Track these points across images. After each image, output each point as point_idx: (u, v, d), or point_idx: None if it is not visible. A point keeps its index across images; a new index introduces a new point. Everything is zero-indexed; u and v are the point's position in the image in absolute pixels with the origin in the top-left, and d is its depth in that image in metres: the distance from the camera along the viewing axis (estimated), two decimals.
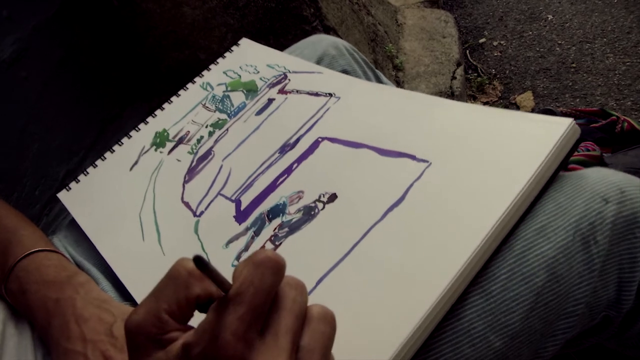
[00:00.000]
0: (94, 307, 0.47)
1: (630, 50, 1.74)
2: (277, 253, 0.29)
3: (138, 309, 0.29)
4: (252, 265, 0.28)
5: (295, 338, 0.28)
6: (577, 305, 0.40)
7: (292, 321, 0.28)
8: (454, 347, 0.38)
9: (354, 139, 0.57)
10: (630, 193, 0.41)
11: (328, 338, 0.30)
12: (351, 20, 1.36)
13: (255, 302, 0.27)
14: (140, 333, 0.28)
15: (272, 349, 0.27)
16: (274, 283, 0.28)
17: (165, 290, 0.29)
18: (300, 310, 0.29)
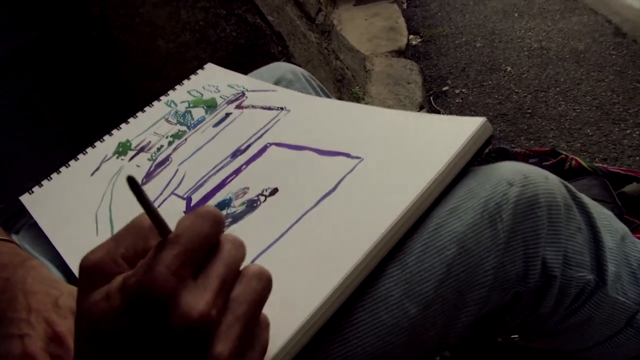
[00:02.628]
0: (42, 285, 0.50)
1: (580, 98, 1.86)
2: (216, 209, 0.32)
3: (96, 249, 0.32)
4: (194, 215, 0.31)
5: (223, 284, 0.31)
6: (486, 277, 0.44)
7: (224, 269, 0.31)
8: (372, 313, 0.42)
9: (298, 143, 0.62)
10: (533, 178, 0.47)
11: (259, 295, 0.32)
12: (317, 61, 1.44)
13: (191, 245, 0.30)
14: (95, 270, 0.31)
15: (200, 289, 0.30)
16: (210, 232, 0.31)
17: (126, 237, 0.32)
18: (234, 261, 0.32)
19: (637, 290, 0.52)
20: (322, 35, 1.79)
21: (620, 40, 2.28)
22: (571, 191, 0.50)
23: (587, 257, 0.49)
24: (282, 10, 1.40)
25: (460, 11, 3.09)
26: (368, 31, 2.47)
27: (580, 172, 1.30)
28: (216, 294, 0.30)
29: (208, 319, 0.29)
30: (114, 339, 0.29)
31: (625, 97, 1.82)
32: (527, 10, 2.88)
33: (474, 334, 0.50)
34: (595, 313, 0.50)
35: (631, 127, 1.65)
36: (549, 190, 0.46)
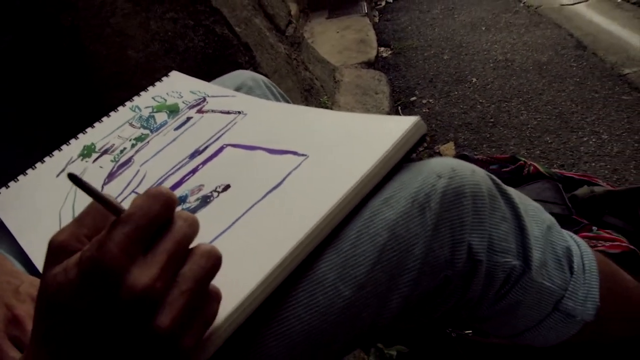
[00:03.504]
0: (4, 275, 0.53)
1: (542, 108, 1.93)
2: (170, 190, 0.35)
3: (61, 230, 0.35)
4: (145, 195, 0.34)
5: (171, 260, 0.33)
6: (415, 261, 0.48)
7: (172, 245, 0.34)
8: (309, 294, 0.46)
9: (251, 143, 0.66)
10: (460, 171, 0.51)
11: (206, 272, 0.35)
12: (285, 71, 1.48)
13: (141, 223, 0.32)
14: (59, 248, 0.34)
15: (147, 264, 0.32)
16: (161, 211, 0.33)
17: (87, 218, 0.36)
18: (184, 238, 0.34)
19: (562, 276, 0.57)
20: (291, 46, 1.84)
21: (581, 52, 2.37)
22: (497, 184, 0.54)
23: (512, 244, 0.53)
24: (250, 22, 1.45)
25: (430, 25, 3.18)
26: (339, 43, 2.52)
27: (537, 177, 1.36)
28: (162, 269, 0.33)
29: (152, 292, 0.32)
30: (69, 308, 0.32)
31: (584, 107, 1.90)
32: (494, 24, 2.97)
33: (410, 318, 0.54)
34: (522, 297, 0.55)
35: (588, 134, 1.72)
36: (474, 182, 0.51)
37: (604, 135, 1.71)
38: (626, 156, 1.58)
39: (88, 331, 0.33)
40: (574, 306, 0.57)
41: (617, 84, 2.03)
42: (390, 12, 3.63)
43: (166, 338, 0.33)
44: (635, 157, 1.57)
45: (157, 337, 0.33)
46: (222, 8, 1.33)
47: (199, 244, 0.36)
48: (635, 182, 1.47)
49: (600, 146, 1.65)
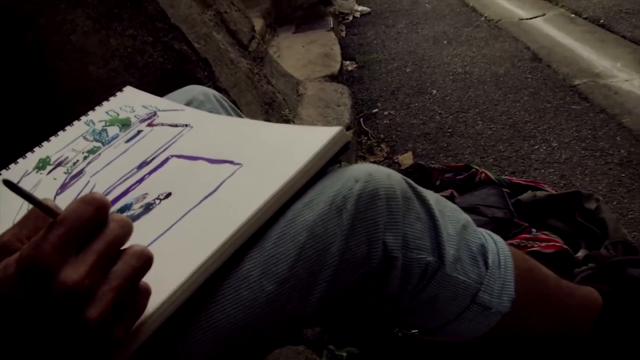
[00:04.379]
0: None
1: (497, 118, 2.01)
2: (104, 196, 0.39)
3: (4, 233, 0.39)
4: (79, 200, 0.38)
5: (101, 259, 0.37)
6: (333, 258, 0.53)
7: (103, 245, 0.37)
8: (234, 290, 0.50)
9: (195, 154, 0.70)
10: (376, 175, 0.56)
11: (136, 271, 0.39)
12: (245, 85, 1.53)
13: (74, 226, 0.36)
14: (3, 247, 0.38)
15: (78, 262, 0.36)
16: (94, 215, 0.37)
17: (28, 221, 0.40)
18: (115, 239, 0.38)
19: (477, 271, 0.62)
20: (254, 61, 1.88)
21: (536, 64, 2.47)
22: (413, 187, 0.59)
23: (427, 241, 0.58)
24: (210, 38, 1.49)
25: (395, 39, 3.26)
26: (304, 57, 2.58)
27: (488, 184, 1.42)
28: (93, 267, 0.37)
29: (82, 288, 0.36)
30: (8, 301, 0.36)
31: (537, 116, 1.98)
32: (455, 38, 3.07)
33: (336, 313, 0.58)
34: (439, 291, 0.59)
35: (539, 143, 1.80)
36: (389, 185, 0.55)
37: (553, 143, 1.79)
38: (573, 162, 1.66)
39: (25, 323, 0.37)
40: (489, 299, 0.62)
41: (568, 95, 2.12)
42: (357, 27, 3.71)
43: (96, 329, 0.36)
44: (582, 163, 1.65)
45: (88, 328, 0.36)
46: (181, 25, 1.37)
47: (132, 245, 0.40)
48: (581, 187, 1.54)
49: (550, 153, 1.73)
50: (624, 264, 0.93)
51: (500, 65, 2.53)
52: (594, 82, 2.19)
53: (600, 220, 1.13)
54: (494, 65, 2.53)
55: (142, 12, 1.32)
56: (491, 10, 3.55)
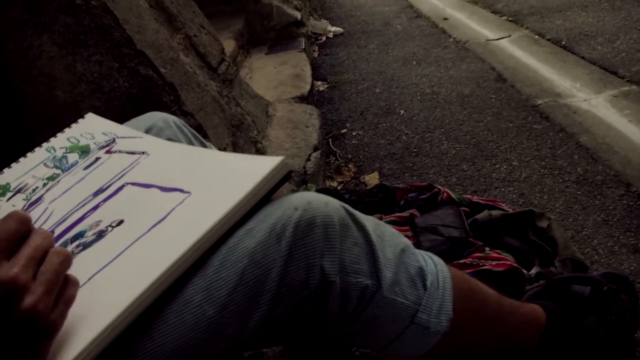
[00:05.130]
0: None
1: (461, 138, 2.07)
2: (26, 212, 0.47)
3: None
4: (5, 217, 0.46)
5: (30, 260, 0.45)
6: (272, 283, 0.55)
7: (29, 250, 0.46)
8: (177, 314, 0.53)
9: (149, 182, 0.72)
10: (314, 204, 0.59)
11: (59, 266, 0.47)
12: (211, 108, 1.56)
13: (2, 237, 0.45)
14: None
15: (11, 264, 0.44)
16: (18, 228, 0.46)
17: None
18: (40, 246, 0.47)
19: (416, 293, 0.65)
20: (223, 83, 1.92)
21: (500, 85, 2.54)
22: (351, 214, 0.62)
23: (364, 265, 0.61)
24: (176, 62, 1.52)
25: (366, 59, 3.33)
26: (276, 78, 2.62)
27: (450, 203, 1.46)
28: (24, 266, 0.45)
29: (16, 282, 0.44)
30: None
31: (499, 136, 2.04)
32: (424, 59, 3.14)
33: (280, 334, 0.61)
34: (378, 312, 0.63)
35: (500, 162, 1.86)
36: (326, 213, 0.59)
37: (514, 162, 1.84)
38: (533, 181, 1.72)
39: None
40: (428, 319, 0.65)
41: (530, 114, 2.19)
42: (329, 47, 3.78)
43: (33, 315, 0.44)
44: (541, 181, 1.71)
45: (26, 315, 0.44)
46: (147, 50, 1.40)
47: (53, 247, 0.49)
48: (539, 204, 1.60)
49: (511, 172, 1.79)
50: (569, 280, 0.97)
51: (467, 85, 2.60)
52: (554, 102, 2.26)
53: (551, 238, 1.18)
54: (460, 86, 2.60)
55: (108, 38, 1.35)
56: (460, 32, 3.64)
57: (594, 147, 1.87)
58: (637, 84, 2.27)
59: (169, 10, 1.80)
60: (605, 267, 1.32)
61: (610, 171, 1.71)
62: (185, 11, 1.95)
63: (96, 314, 0.50)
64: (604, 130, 1.98)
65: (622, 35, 2.81)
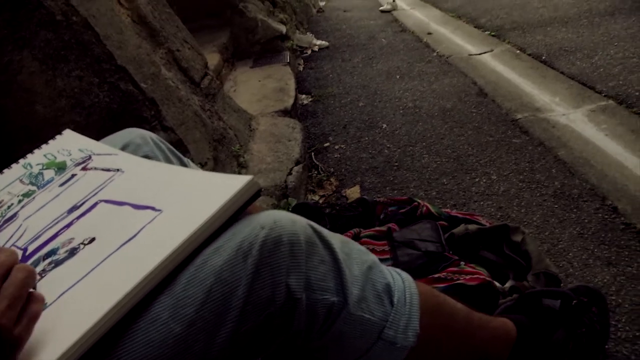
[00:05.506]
0: None
1: (442, 151, 2.10)
2: None
3: None
4: None
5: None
6: (239, 300, 0.57)
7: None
8: (144, 332, 0.54)
9: (122, 199, 0.73)
10: (281, 222, 0.60)
11: (22, 282, 0.49)
12: (193, 123, 1.57)
13: None
14: None
15: None
16: None
17: None
18: (3, 262, 0.49)
19: (382, 309, 0.66)
20: (206, 97, 1.93)
21: (481, 99, 2.58)
22: (318, 232, 0.64)
23: (331, 283, 0.62)
24: (157, 77, 1.53)
25: (350, 73, 3.36)
26: (260, 92, 2.64)
27: (429, 217, 1.48)
28: None
29: None
30: None
31: (479, 150, 2.07)
32: (407, 73, 3.18)
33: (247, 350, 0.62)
34: (346, 329, 0.64)
35: (480, 175, 1.88)
36: (292, 231, 0.60)
37: (493, 176, 1.87)
38: (511, 195, 1.74)
39: None
40: (394, 334, 0.67)
41: (510, 128, 2.22)
42: (314, 61, 3.81)
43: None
44: (519, 195, 1.73)
45: None
46: (127, 65, 1.41)
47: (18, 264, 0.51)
48: (517, 218, 1.62)
49: (490, 186, 1.81)
50: (540, 294, 0.99)
51: (448, 99, 2.63)
52: (534, 117, 2.30)
53: (525, 252, 1.20)
54: (442, 100, 2.64)
55: (89, 53, 1.36)
56: (443, 46, 3.69)
57: (572, 161, 1.90)
58: (614, 99, 2.31)
59: (152, 25, 1.82)
60: (580, 280, 1.35)
61: (587, 185, 1.74)
62: (168, 26, 1.96)
63: (63, 331, 0.51)
64: (581, 145, 2.01)
65: (600, 51, 2.87)
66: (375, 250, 1.24)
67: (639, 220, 1.55)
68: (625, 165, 1.84)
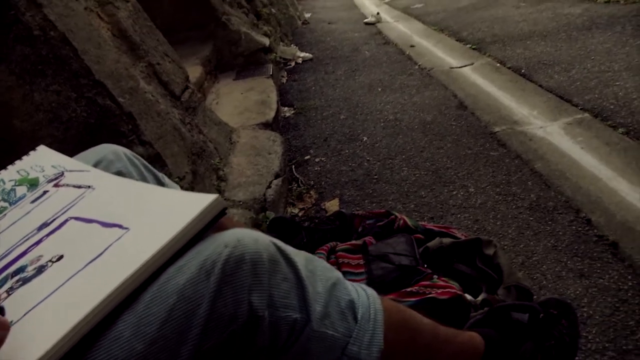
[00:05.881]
0: None
1: (421, 164, 2.12)
2: None
3: None
4: None
5: None
6: (201, 318, 0.57)
7: None
8: (106, 351, 0.54)
9: (91, 217, 0.74)
10: (244, 241, 0.62)
11: None
12: (171, 137, 1.58)
13: None
14: None
15: None
16: None
17: None
18: None
19: (346, 325, 0.68)
20: (186, 111, 1.94)
21: (461, 112, 2.61)
22: (282, 250, 0.65)
23: (294, 300, 0.63)
24: (136, 91, 1.54)
25: (333, 85, 3.39)
26: (242, 104, 2.66)
27: (405, 230, 1.50)
28: None
29: None
30: None
31: (457, 162, 2.10)
32: (389, 85, 3.21)
33: None
34: (309, 345, 0.65)
35: (457, 188, 1.91)
36: (255, 250, 0.61)
37: (470, 188, 1.90)
38: (487, 207, 1.77)
39: None
40: (358, 350, 0.68)
41: (488, 141, 2.25)
42: (298, 73, 3.84)
43: None
44: (495, 207, 1.76)
45: None
46: (105, 80, 1.42)
47: None
48: (492, 231, 1.64)
49: (467, 199, 1.84)
50: (509, 308, 1.01)
51: (429, 112, 2.67)
52: (512, 129, 2.34)
53: (496, 265, 1.22)
54: (423, 113, 2.67)
55: (67, 68, 1.36)
56: (425, 59, 3.74)
57: (548, 173, 1.94)
58: (590, 112, 2.36)
59: (132, 39, 1.83)
60: (553, 292, 1.37)
61: (562, 197, 1.77)
62: (149, 39, 1.97)
63: (27, 350, 0.51)
64: (557, 157, 2.05)
65: (577, 65, 2.92)
66: (349, 264, 1.26)
67: (611, 232, 1.58)
68: (599, 178, 1.87)
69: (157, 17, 3.42)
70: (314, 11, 8.42)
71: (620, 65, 2.78)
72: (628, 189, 1.79)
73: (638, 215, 1.64)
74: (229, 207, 1.69)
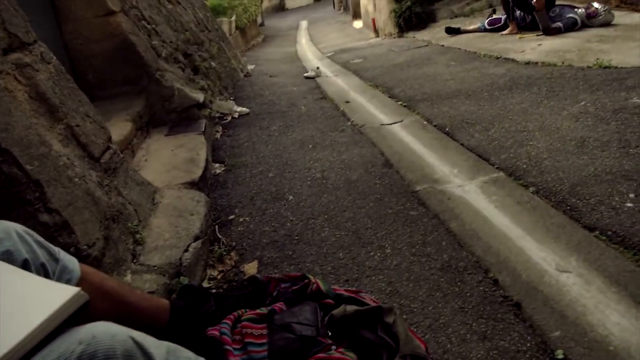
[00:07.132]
0: None
1: (342, 224, 2.17)
2: None
3: None
4: None
5: None
6: None
7: None
8: None
9: None
10: (99, 337, 0.63)
11: None
12: (82, 202, 1.57)
13: None
14: None
15: None
16: None
17: None
18: None
19: None
20: (105, 172, 1.93)
21: (386, 170, 2.70)
22: (140, 345, 0.66)
23: None
24: (46, 157, 1.53)
25: (265, 142, 3.44)
26: (170, 162, 2.66)
27: (317, 294, 1.52)
28: None
29: None
30: None
31: (377, 222, 2.16)
32: (320, 142, 3.29)
33: None
34: None
35: (375, 249, 1.95)
36: (110, 346, 0.62)
37: (387, 249, 1.95)
38: (402, 269, 1.82)
39: None
40: None
41: (409, 200, 2.33)
42: (233, 128, 3.88)
43: None
44: (409, 269, 1.81)
45: None
46: (13, 148, 1.40)
47: None
48: (404, 293, 1.68)
49: (383, 260, 1.88)
50: None
51: (355, 170, 2.74)
52: (432, 188, 2.43)
53: (394, 334, 1.25)
54: (349, 171, 2.74)
55: None
56: (357, 115, 3.86)
57: (461, 233, 2.01)
58: (504, 171, 2.48)
59: (51, 102, 1.82)
60: (456, 357, 1.41)
61: (473, 257, 1.84)
62: (70, 101, 1.97)
63: None
64: (471, 216, 2.13)
65: (497, 124, 3.08)
66: (252, 334, 1.26)
67: (516, 292, 1.65)
68: (509, 237, 1.96)
69: (89, 72, 3.43)
70: (257, 63, 8.58)
71: (535, 125, 2.95)
72: (535, 248, 1.88)
73: (542, 275, 1.72)
74: (142, 272, 1.67)
